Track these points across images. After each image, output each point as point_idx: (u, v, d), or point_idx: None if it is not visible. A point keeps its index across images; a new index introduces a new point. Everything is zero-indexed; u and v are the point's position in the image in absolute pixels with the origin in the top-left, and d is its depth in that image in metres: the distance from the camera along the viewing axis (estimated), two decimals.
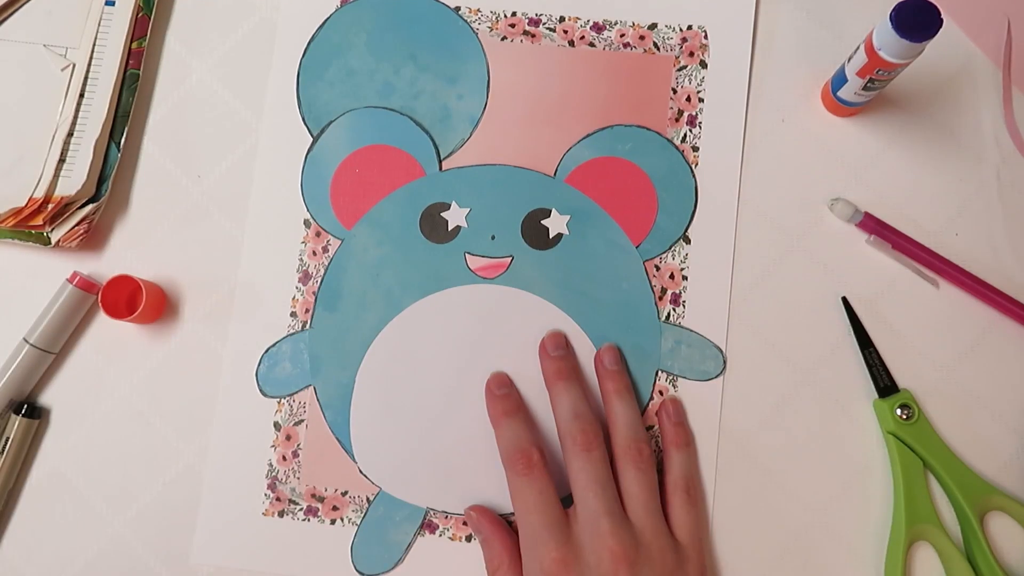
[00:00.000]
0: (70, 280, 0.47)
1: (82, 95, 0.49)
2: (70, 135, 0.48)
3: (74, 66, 0.49)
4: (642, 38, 0.50)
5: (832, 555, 0.46)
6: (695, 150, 0.49)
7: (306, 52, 0.50)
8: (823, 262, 0.48)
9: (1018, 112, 0.48)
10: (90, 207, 0.48)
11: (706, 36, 0.50)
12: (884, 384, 0.46)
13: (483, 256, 0.48)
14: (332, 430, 0.47)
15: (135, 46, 0.50)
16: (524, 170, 0.49)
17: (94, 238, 0.49)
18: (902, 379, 0.47)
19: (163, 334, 0.48)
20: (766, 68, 0.50)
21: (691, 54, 0.50)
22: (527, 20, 0.50)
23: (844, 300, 0.47)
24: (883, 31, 0.41)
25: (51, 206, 0.47)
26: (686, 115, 0.49)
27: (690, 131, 0.49)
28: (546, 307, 0.47)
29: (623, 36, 0.50)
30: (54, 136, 0.48)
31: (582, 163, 0.48)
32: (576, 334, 0.47)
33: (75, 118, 0.49)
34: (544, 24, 0.50)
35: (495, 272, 0.48)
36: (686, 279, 0.48)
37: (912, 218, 0.48)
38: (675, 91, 0.49)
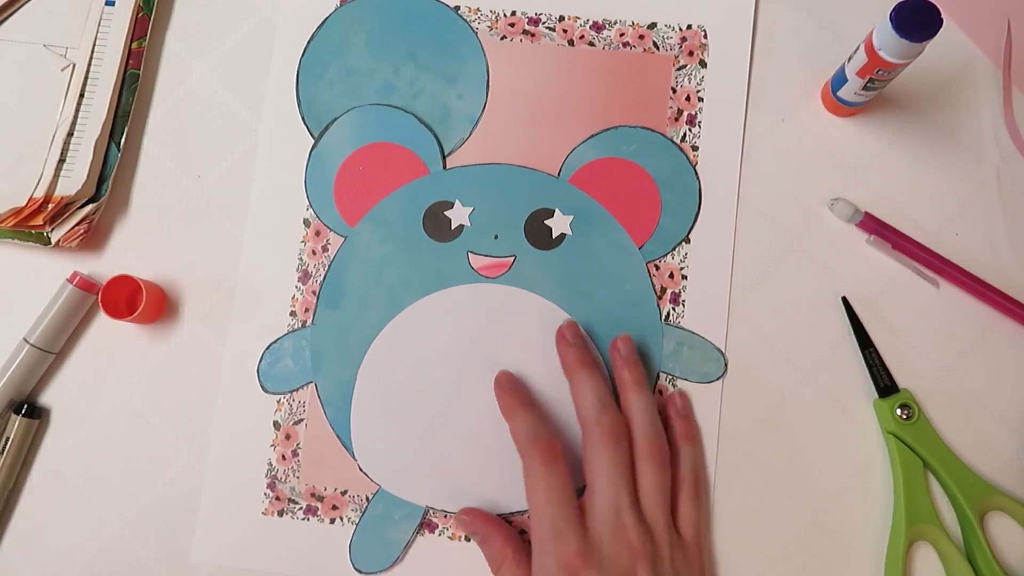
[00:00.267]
0: (70, 280, 0.47)
1: (82, 95, 0.49)
2: (70, 135, 0.48)
3: (74, 66, 0.49)
4: (642, 37, 0.50)
5: (832, 555, 0.46)
6: (695, 149, 0.49)
7: (306, 52, 0.50)
8: (823, 262, 0.48)
9: (1018, 112, 0.48)
10: (90, 207, 0.48)
11: (706, 35, 0.50)
12: (884, 384, 0.46)
13: (486, 255, 0.48)
14: (333, 427, 0.47)
15: (135, 46, 0.50)
16: (528, 170, 0.49)
17: (94, 238, 0.49)
18: (902, 379, 0.47)
19: (163, 334, 0.48)
20: (766, 68, 0.50)
21: (691, 53, 0.50)
22: (527, 19, 0.50)
23: (844, 300, 0.47)
24: (883, 31, 0.41)
25: (51, 206, 0.47)
26: (685, 114, 0.49)
27: (689, 130, 0.49)
28: (548, 307, 0.47)
29: (623, 35, 0.50)
30: (54, 136, 0.48)
31: (586, 163, 0.48)
32: None
33: (75, 118, 0.49)
34: (544, 23, 0.50)
35: (497, 271, 0.48)
36: (686, 278, 0.48)
37: (912, 218, 0.48)
38: (674, 90, 0.49)
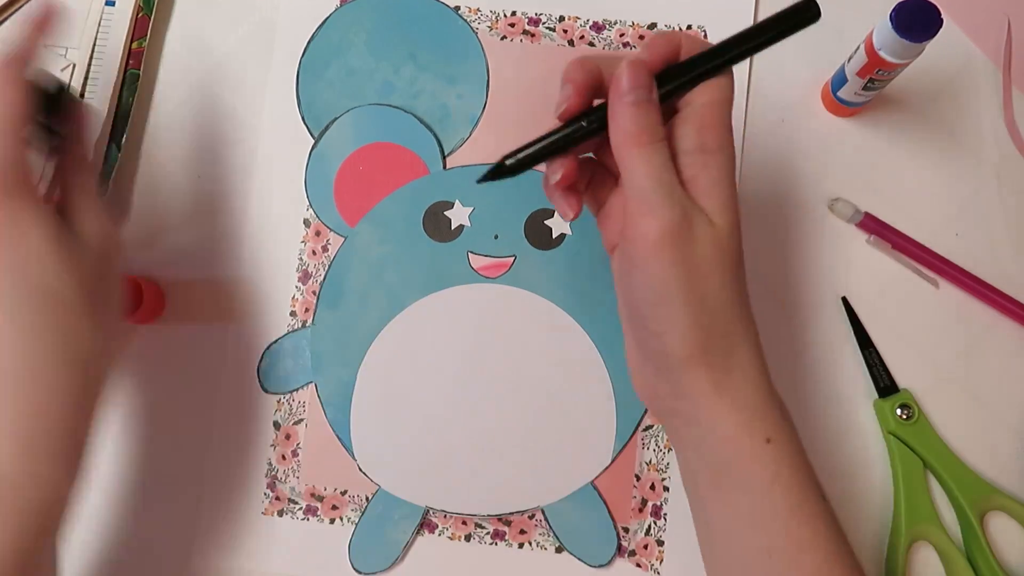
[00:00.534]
0: None
1: (82, 95, 0.49)
2: None
3: (74, 66, 0.49)
4: (641, 37, 0.50)
5: None
6: None
7: (306, 52, 0.50)
8: (823, 262, 0.48)
9: (1018, 112, 0.48)
10: None
11: (706, 36, 0.50)
12: (884, 384, 0.46)
13: (486, 255, 0.48)
14: (332, 427, 0.47)
15: (135, 46, 0.50)
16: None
17: None
18: (902, 379, 0.47)
19: (163, 334, 0.48)
20: (766, 68, 0.50)
21: None
22: (527, 20, 0.50)
23: (844, 300, 0.47)
24: (883, 31, 0.41)
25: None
26: None
27: None
28: (548, 307, 0.47)
29: (623, 36, 0.50)
30: None
31: None
32: (578, 335, 0.47)
33: None
34: (544, 23, 0.50)
35: (497, 271, 0.48)
36: None
37: (912, 218, 0.48)
38: None
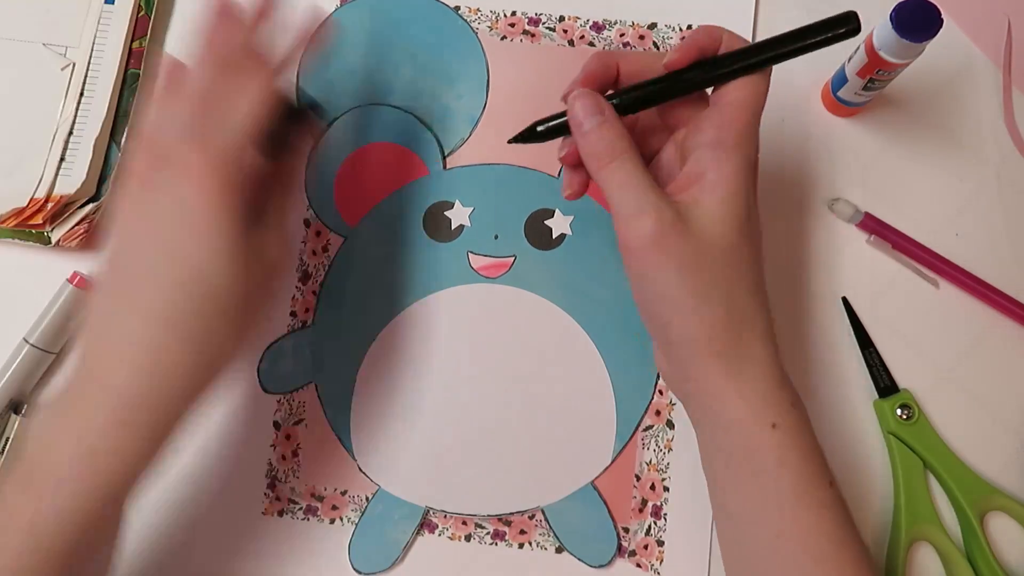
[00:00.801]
0: (70, 280, 0.47)
1: (82, 94, 0.49)
2: (70, 135, 0.48)
3: (74, 65, 0.49)
4: (642, 38, 0.50)
5: None
6: None
7: (305, 51, 0.50)
8: (823, 262, 0.48)
9: (1018, 112, 0.48)
10: (90, 206, 0.48)
11: None
12: (884, 384, 0.46)
13: (486, 255, 0.48)
14: (332, 427, 0.47)
15: (135, 46, 0.50)
16: (528, 170, 0.49)
17: (94, 238, 0.49)
18: (902, 379, 0.47)
19: None
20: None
21: None
22: (527, 20, 0.50)
23: (844, 300, 0.47)
24: (883, 31, 0.41)
25: (51, 205, 0.47)
26: None
27: None
28: (548, 307, 0.47)
29: (623, 36, 0.50)
30: (54, 136, 0.48)
31: None
32: (578, 335, 0.47)
33: (75, 118, 0.49)
34: (544, 24, 0.50)
35: (498, 272, 0.48)
36: None
37: (912, 218, 0.48)
38: None
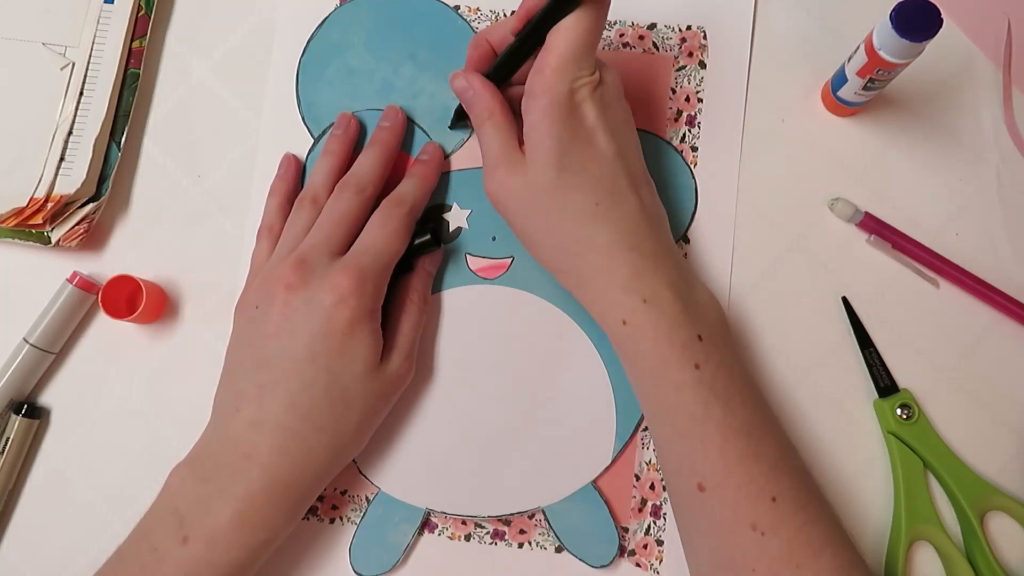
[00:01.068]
0: (70, 280, 0.47)
1: (82, 94, 0.49)
2: (70, 134, 0.48)
3: (73, 65, 0.49)
4: (641, 38, 0.50)
5: None
6: (694, 150, 0.49)
7: (305, 51, 0.50)
8: (823, 262, 0.48)
9: (1018, 112, 0.48)
10: (90, 206, 0.48)
11: (705, 36, 0.50)
12: (884, 384, 0.46)
13: (484, 257, 0.48)
14: None
15: (135, 45, 0.50)
16: None
17: (94, 238, 0.49)
18: (902, 379, 0.47)
19: (163, 334, 0.48)
20: (765, 68, 0.50)
21: (690, 54, 0.50)
22: None
23: (844, 300, 0.47)
24: (883, 31, 0.41)
25: (51, 204, 0.47)
26: (685, 115, 0.49)
27: (689, 131, 0.49)
28: (547, 308, 0.47)
29: (622, 36, 0.50)
30: (54, 136, 0.48)
31: None
32: (577, 335, 0.47)
33: (75, 117, 0.48)
34: None
35: (496, 273, 0.48)
36: None
37: (912, 218, 0.48)
38: (674, 91, 0.49)
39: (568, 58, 0.39)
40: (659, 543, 0.46)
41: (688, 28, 0.50)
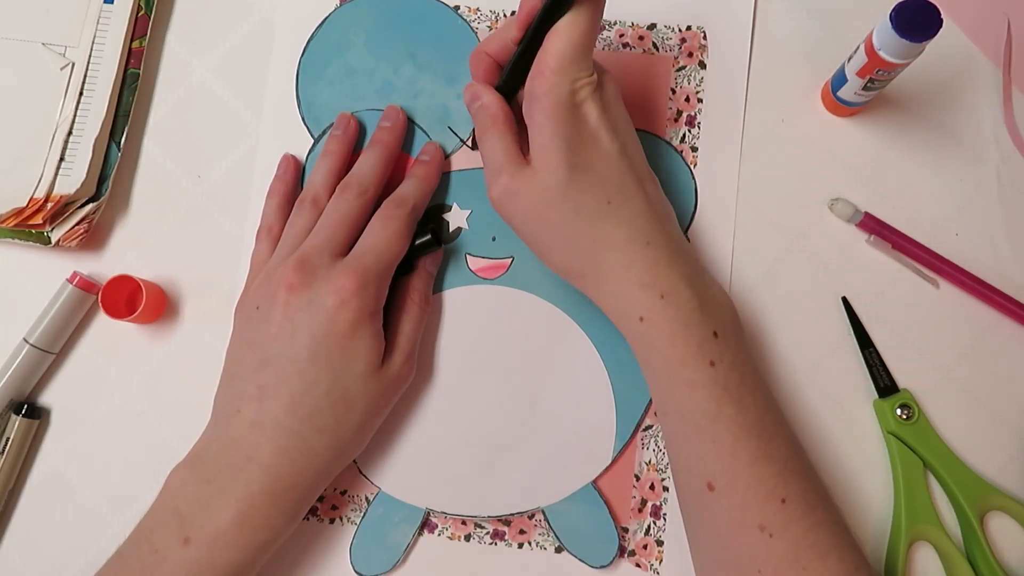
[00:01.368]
0: (70, 280, 0.47)
1: (81, 94, 0.49)
2: (70, 134, 0.48)
3: (73, 65, 0.49)
4: (641, 38, 0.50)
5: None
6: (694, 150, 0.49)
7: (305, 51, 0.50)
8: (823, 262, 0.48)
9: (1018, 112, 0.48)
10: (90, 206, 0.48)
11: (705, 36, 0.50)
12: (884, 384, 0.46)
13: (484, 257, 0.48)
14: None
15: (135, 45, 0.50)
16: None
17: (94, 238, 0.49)
18: (902, 379, 0.47)
19: (163, 334, 0.48)
20: (765, 68, 0.50)
21: (690, 54, 0.50)
22: None
23: (844, 300, 0.47)
24: (883, 31, 0.41)
25: (51, 204, 0.47)
26: (685, 115, 0.49)
27: (689, 131, 0.49)
28: (547, 308, 0.47)
29: (622, 36, 0.50)
30: (54, 135, 0.48)
31: None
32: (576, 335, 0.47)
33: (75, 117, 0.48)
34: None
35: (496, 273, 0.48)
36: None
37: (912, 218, 0.48)
38: (674, 91, 0.49)
39: (567, 59, 0.39)
40: (659, 543, 0.46)
41: (688, 28, 0.50)
